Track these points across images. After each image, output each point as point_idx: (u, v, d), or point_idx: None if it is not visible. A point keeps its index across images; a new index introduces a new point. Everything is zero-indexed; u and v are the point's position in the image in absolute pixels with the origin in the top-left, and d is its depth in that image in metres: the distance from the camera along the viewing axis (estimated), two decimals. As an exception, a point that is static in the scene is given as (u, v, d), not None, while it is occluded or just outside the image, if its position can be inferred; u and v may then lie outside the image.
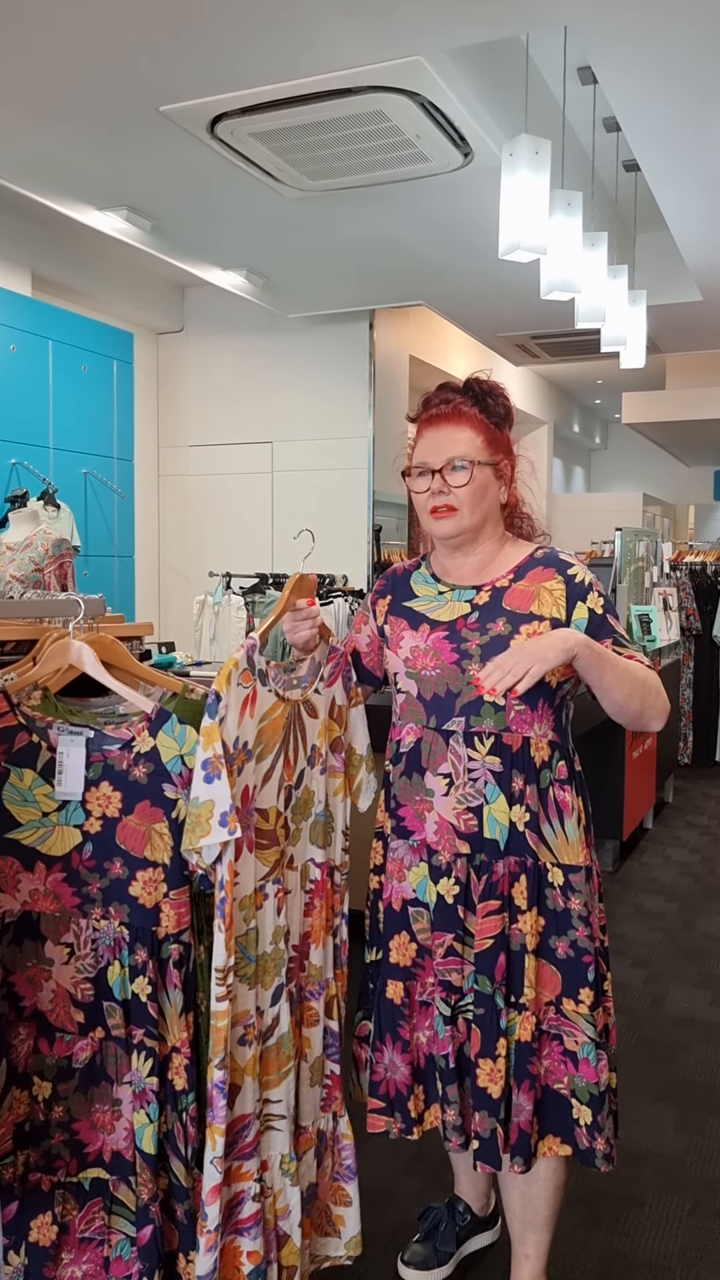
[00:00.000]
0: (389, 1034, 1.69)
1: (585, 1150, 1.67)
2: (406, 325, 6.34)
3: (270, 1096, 1.55)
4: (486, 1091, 1.62)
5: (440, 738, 1.66)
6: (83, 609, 1.58)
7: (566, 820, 1.67)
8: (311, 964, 1.65)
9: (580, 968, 1.66)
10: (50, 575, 3.44)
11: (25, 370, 4.67)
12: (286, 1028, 1.57)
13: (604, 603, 1.68)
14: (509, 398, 1.76)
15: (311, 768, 1.65)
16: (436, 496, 1.67)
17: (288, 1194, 1.56)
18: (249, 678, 1.48)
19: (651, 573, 5.32)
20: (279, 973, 1.55)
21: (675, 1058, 2.79)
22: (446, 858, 1.65)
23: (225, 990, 1.42)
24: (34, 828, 1.48)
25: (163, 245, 4.53)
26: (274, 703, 1.54)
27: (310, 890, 1.66)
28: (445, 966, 1.65)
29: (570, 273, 3.34)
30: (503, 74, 3.26)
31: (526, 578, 1.69)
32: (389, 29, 2.68)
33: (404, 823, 1.71)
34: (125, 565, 5.36)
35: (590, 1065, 1.66)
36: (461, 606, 1.70)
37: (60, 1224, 1.50)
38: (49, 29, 2.73)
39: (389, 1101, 1.70)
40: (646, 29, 2.67)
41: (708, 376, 8.62)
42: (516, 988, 1.64)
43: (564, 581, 1.67)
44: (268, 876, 1.54)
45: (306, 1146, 1.66)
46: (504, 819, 1.64)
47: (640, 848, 4.86)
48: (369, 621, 1.82)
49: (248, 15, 2.62)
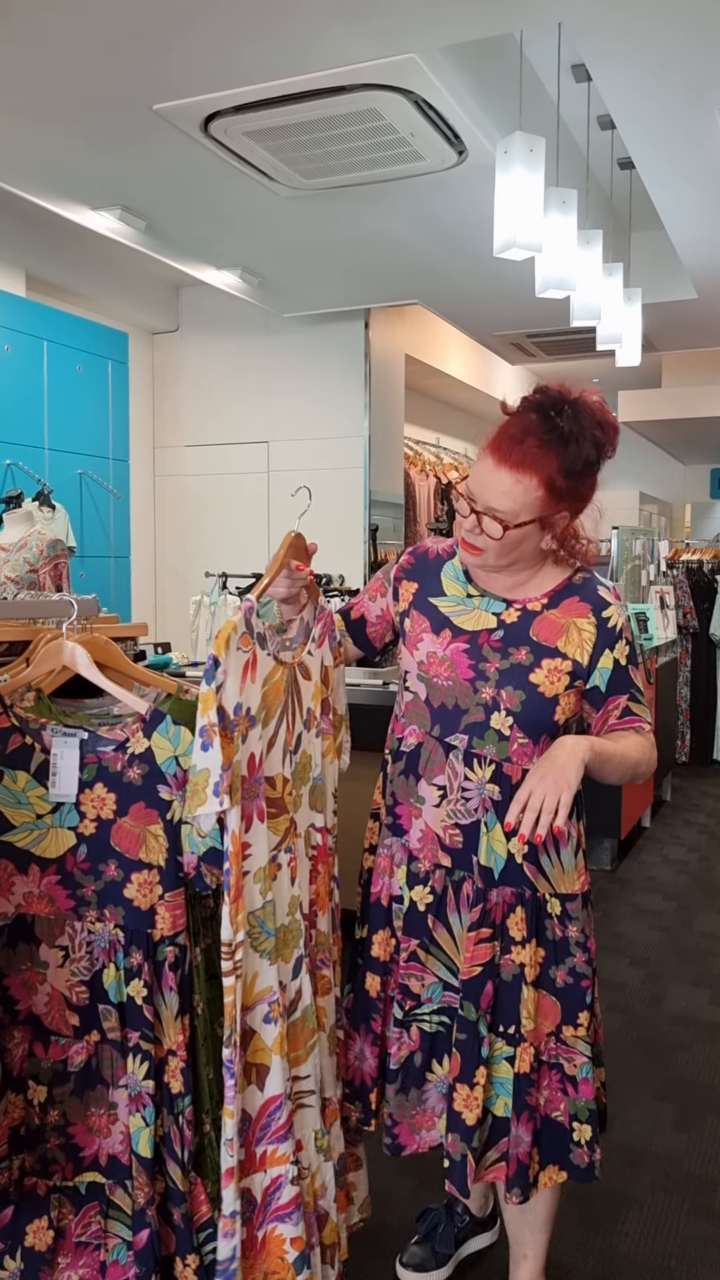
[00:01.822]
0: (362, 1025, 1.70)
1: (585, 1167, 1.66)
2: (402, 324, 6.34)
3: (299, 1073, 1.52)
4: (461, 1117, 1.61)
5: (440, 748, 1.64)
6: (76, 610, 1.57)
7: (564, 850, 1.65)
8: (320, 931, 1.63)
9: (579, 993, 1.65)
10: (45, 576, 3.43)
11: (20, 371, 4.66)
12: (309, 1000, 1.54)
13: (629, 652, 1.63)
14: (612, 434, 1.55)
15: (308, 731, 1.62)
16: (469, 533, 1.58)
17: (323, 1171, 1.53)
18: (248, 641, 1.42)
19: (648, 571, 5.32)
20: (298, 944, 1.53)
21: (673, 1057, 2.78)
22: (426, 866, 1.65)
23: (233, 965, 1.39)
24: (28, 830, 1.47)
25: (157, 245, 4.52)
26: (274, 666, 1.50)
27: (313, 856, 1.64)
28: (406, 970, 1.66)
29: (565, 271, 3.33)
30: (497, 71, 3.25)
31: (560, 607, 1.62)
32: (383, 27, 2.68)
33: (399, 820, 1.70)
34: (121, 566, 5.35)
35: (589, 1083, 1.66)
36: (488, 619, 1.64)
37: (56, 1228, 1.49)
38: (42, 28, 2.72)
39: (354, 1089, 1.71)
40: (640, 26, 2.66)
41: (704, 374, 8.62)
42: (506, 1018, 1.62)
43: (596, 624, 1.60)
44: (279, 845, 1.51)
45: (333, 1118, 1.64)
46: (501, 849, 1.62)
47: (638, 846, 4.85)
48: (386, 594, 1.75)
49: (241, 13, 2.62)
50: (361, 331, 5.87)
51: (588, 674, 1.61)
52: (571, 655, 1.60)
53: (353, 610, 1.80)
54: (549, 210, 3.22)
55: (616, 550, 4.80)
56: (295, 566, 1.56)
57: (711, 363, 8.39)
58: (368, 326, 5.87)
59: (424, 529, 6.78)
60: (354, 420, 5.92)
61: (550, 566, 1.66)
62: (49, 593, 3.19)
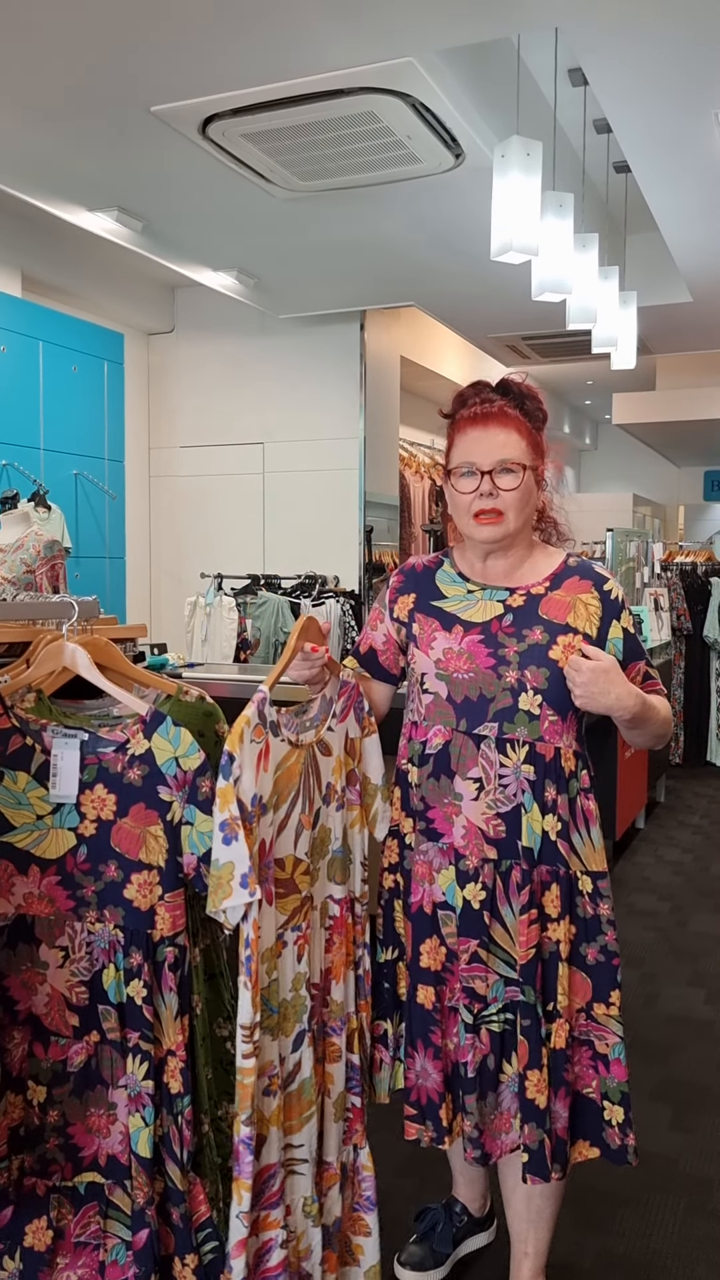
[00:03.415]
0: (420, 1040, 1.67)
1: (617, 1149, 1.67)
2: (398, 326, 6.35)
3: (293, 1141, 1.54)
4: (534, 1103, 1.61)
5: (470, 741, 1.65)
6: (76, 611, 1.58)
7: (592, 828, 1.69)
8: (333, 1000, 1.64)
9: (610, 971, 1.68)
10: (42, 577, 3.43)
11: (15, 371, 4.66)
12: (309, 1072, 1.56)
13: (633, 621, 1.72)
14: (540, 400, 1.74)
15: (327, 805, 1.63)
16: (483, 499, 1.63)
17: (309, 1235, 1.56)
18: (261, 732, 1.44)
19: (642, 573, 5.33)
20: (300, 1019, 1.54)
21: (669, 1057, 2.79)
22: (474, 863, 1.64)
23: (251, 1048, 1.40)
24: (28, 831, 1.47)
25: (153, 246, 4.52)
26: (288, 751, 1.52)
27: (329, 927, 1.64)
28: (469, 973, 1.64)
29: (561, 274, 3.34)
30: (494, 75, 3.26)
31: (563, 587, 1.69)
32: (380, 30, 2.68)
33: (433, 825, 1.68)
34: (116, 567, 5.34)
35: (621, 1065, 1.67)
36: (494, 606, 1.68)
37: (55, 1229, 1.49)
38: (41, 30, 2.72)
39: (420, 1109, 1.67)
40: (636, 31, 2.67)
41: (698, 377, 8.64)
42: (550, 995, 1.64)
43: (599, 597, 1.68)
44: (286, 924, 1.53)
45: (330, 1183, 1.64)
46: (538, 828, 1.64)
47: (633, 847, 4.87)
48: (384, 619, 1.79)
49: (239, 16, 2.62)
50: (357, 333, 5.88)
51: (601, 646, 1.67)
52: (582, 629, 1.65)
53: (361, 646, 1.83)
54: (545, 214, 3.23)
55: (611, 552, 4.82)
56: (310, 648, 1.58)
57: (706, 365, 8.41)
58: (363, 328, 5.88)
59: (419, 530, 6.79)
60: (349, 422, 5.93)
61: (540, 552, 1.74)
62: (45, 594, 3.19)
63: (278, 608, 5.05)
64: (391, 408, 6.31)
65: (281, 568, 5.85)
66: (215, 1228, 1.49)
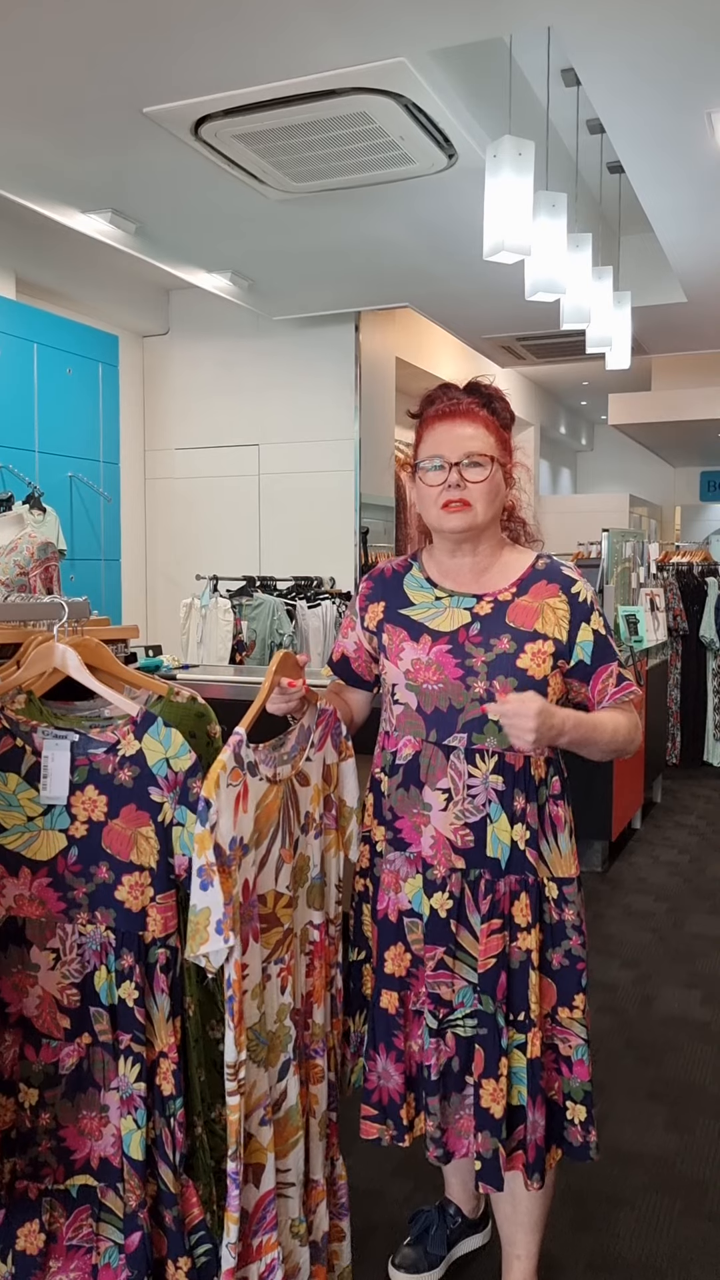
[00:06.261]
0: (383, 1044, 1.68)
1: (579, 1146, 1.68)
2: (392, 327, 6.35)
3: (281, 1166, 1.54)
4: (489, 1112, 1.62)
5: (440, 752, 1.65)
6: (67, 612, 1.57)
7: (560, 834, 1.69)
8: (315, 1023, 1.64)
9: (574, 975, 1.68)
10: (36, 579, 3.43)
11: (10, 373, 4.65)
12: (294, 1099, 1.56)
13: (604, 622, 1.70)
14: (506, 401, 1.76)
15: (305, 834, 1.63)
16: (450, 490, 1.63)
17: (297, 1254, 1.56)
18: (239, 775, 1.43)
19: (638, 573, 5.33)
20: (285, 1048, 1.54)
21: (665, 1057, 2.79)
22: (441, 872, 1.65)
23: (237, 1085, 1.40)
24: (19, 832, 1.47)
25: (147, 248, 4.52)
26: (266, 788, 1.51)
27: (309, 952, 1.64)
28: (435, 979, 1.65)
29: (555, 274, 3.34)
30: (486, 76, 3.26)
31: (530, 592, 1.68)
32: (372, 31, 2.68)
33: (401, 834, 1.69)
34: (112, 569, 5.34)
35: (584, 1065, 1.68)
36: (461, 615, 1.67)
37: (48, 1232, 1.49)
38: (32, 30, 2.72)
39: (381, 1109, 1.69)
40: (629, 31, 2.67)
41: (693, 378, 8.65)
42: (516, 1006, 1.64)
43: (568, 600, 1.67)
44: (270, 957, 1.52)
45: (318, 1200, 1.65)
46: (506, 838, 1.64)
47: (629, 848, 4.86)
48: (355, 626, 1.80)
49: (231, 17, 2.62)
50: (352, 334, 5.88)
51: (569, 651, 1.66)
52: (551, 635, 1.64)
53: (334, 654, 1.84)
54: (538, 214, 3.23)
55: (607, 553, 4.82)
56: (287, 683, 1.57)
57: (701, 366, 8.42)
58: (358, 329, 5.88)
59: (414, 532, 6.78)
60: (344, 423, 5.93)
61: (509, 552, 1.73)
62: (39, 595, 3.18)
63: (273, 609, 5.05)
64: (387, 409, 6.31)
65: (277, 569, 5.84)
66: (208, 1230, 1.49)
